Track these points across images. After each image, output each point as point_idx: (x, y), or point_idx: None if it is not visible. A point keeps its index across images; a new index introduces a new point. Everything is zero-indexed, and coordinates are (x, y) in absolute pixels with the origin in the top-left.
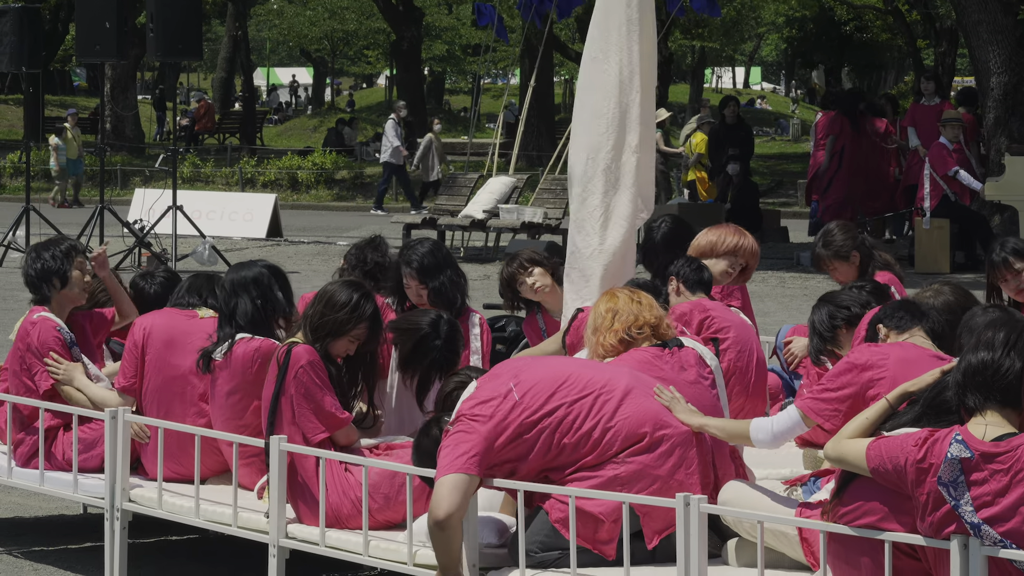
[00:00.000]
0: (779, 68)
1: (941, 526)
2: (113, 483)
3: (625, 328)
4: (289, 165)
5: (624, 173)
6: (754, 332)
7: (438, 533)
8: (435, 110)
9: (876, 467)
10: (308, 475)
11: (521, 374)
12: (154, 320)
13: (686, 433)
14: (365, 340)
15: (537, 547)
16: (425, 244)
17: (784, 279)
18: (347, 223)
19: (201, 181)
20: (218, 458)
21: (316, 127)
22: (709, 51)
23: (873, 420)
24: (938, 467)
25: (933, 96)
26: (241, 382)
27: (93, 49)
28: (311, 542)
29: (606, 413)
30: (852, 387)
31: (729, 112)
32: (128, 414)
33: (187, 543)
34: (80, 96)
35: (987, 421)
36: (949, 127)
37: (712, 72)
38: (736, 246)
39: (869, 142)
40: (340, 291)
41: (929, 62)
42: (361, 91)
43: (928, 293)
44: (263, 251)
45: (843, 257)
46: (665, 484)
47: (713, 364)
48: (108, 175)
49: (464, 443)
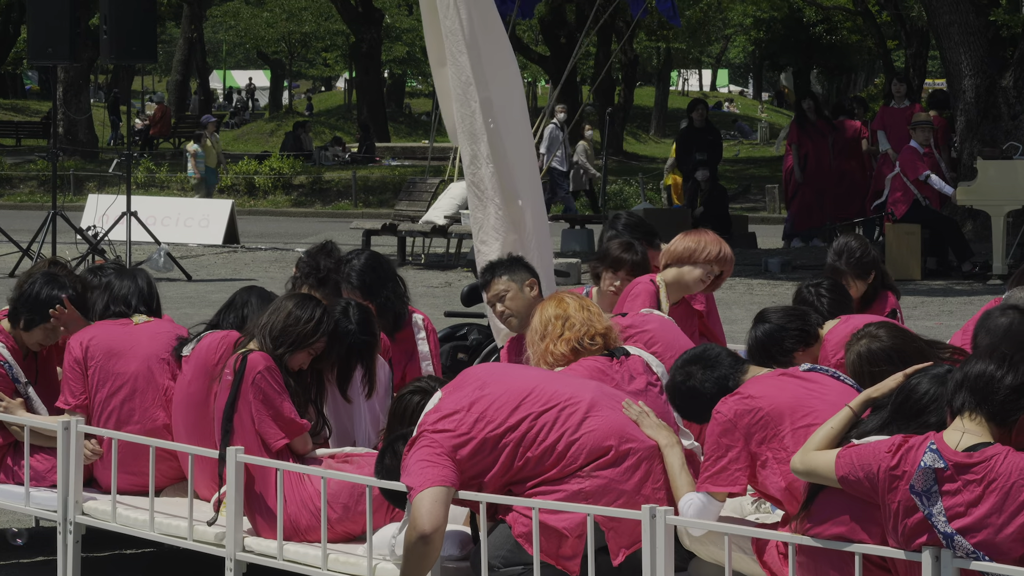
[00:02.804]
0: (747, 71)
1: (913, 535)
2: (66, 496)
3: (578, 337)
4: (246, 170)
5: (485, 186)
6: (675, 327)
7: (422, 548)
8: (395, 113)
9: (846, 475)
10: (265, 485)
11: (486, 386)
12: (90, 334)
13: (653, 447)
14: (320, 355)
15: (499, 562)
16: (362, 258)
17: (752, 286)
18: (305, 229)
19: (156, 186)
20: (173, 464)
21: (273, 131)
22: (675, 53)
23: (839, 429)
24: (911, 475)
25: (904, 99)
26: (202, 370)
27: (45, 51)
28: (269, 555)
29: (570, 426)
30: (736, 445)
31: (697, 115)
32: (81, 424)
33: (142, 557)
34: (32, 100)
35: (965, 428)
36: (920, 130)
37: (678, 74)
38: (717, 255)
39: (841, 145)
40: (303, 305)
41: (900, 64)
42: (320, 94)
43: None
44: (219, 258)
45: (862, 276)
46: (631, 499)
47: (660, 371)
48: (61, 180)
49: (435, 456)
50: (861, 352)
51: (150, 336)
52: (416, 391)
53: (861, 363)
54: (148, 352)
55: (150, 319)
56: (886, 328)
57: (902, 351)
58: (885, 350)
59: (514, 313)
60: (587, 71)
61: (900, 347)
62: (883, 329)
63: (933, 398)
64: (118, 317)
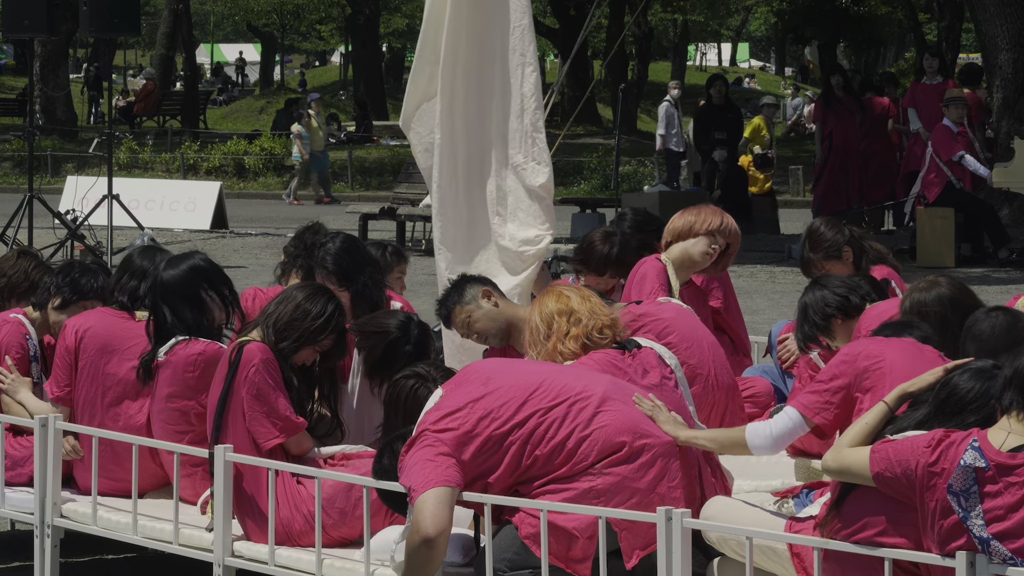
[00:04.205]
0: (769, 44)
1: (949, 538)
2: (43, 497)
3: (586, 332)
4: (235, 150)
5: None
6: (693, 316)
7: (426, 553)
8: (394, 90)
9: (881, 471)
10: (256, 487)
11: (490, 381)
12: (87, 323)
13: (669, 443)
14: (327, 353)
15: (505, 565)
16: (337, 241)
17: (774, 273)
18: (298, 214)
19: (139, 168)
20: (157, 469)
21: (264, 108)
22: (692, 25)
23: (873, 425)
24: (950, 473)
25: (936, 74)
26: (181, 388)
27: (21, 24)
28: (259, 561)
29: (581, 421)
30: (844, 377)
31: (716, 92)
32: (59, 421)
33: (124, 562)
34: (7, 75)
35: (1011, 428)
36: (953, 107)
37: (696, 48)
38: (719, 226)
39: (869, 124)
40: (314, 298)
41: (932, 37)
42: (313, 69)
43: (922, 285)
44: (207, 244)
45: (835, 256)
46: (646, 498)
47: (673, 363)
48: (38, 161)
49: (436, 456)
50: (915, 299)
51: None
52: (411, 375)
53: (913, 307)
54: (143, 354)
55: None
56: (947, 277)
57: (957, 300)
58: (942, 297)
59: (486, 332)
60: (599, 45)
61: (957, 297)
62: (944, 278)
63: (977, 395)
64: (122, 308)
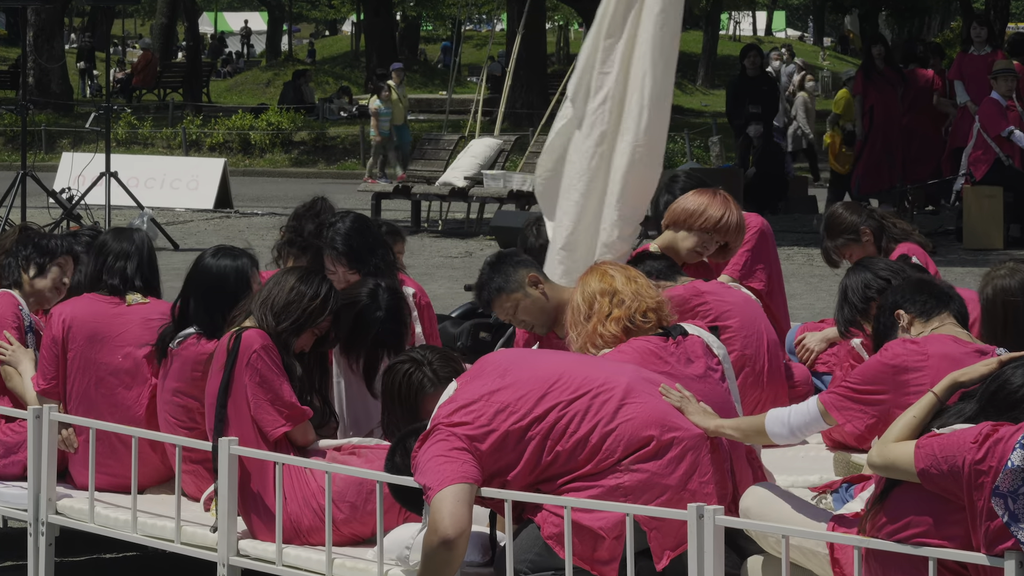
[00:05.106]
0: (806, 13)
1: (997, 539)
2: (37, 492)
3: (629, 315)
4: (240, 125)
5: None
6: (760, 308)
7: (445, 555)
8: (409, 61)
9: (926, 468)
10: (263, 481)
11: (508, 373)
12: (74, 311)
13: (699, 436)
14: (323, 336)
15: (527, 566)
16: (347, 221)
17: (812, 256)
18: (307, 192)
19: (138, 144)
20: (158, 463)
21: (271, 81)
22: None
23: (921, 417)
24: (997, 472)
25: (984, 45)
26: (187, 385)
27: None
28: (266, 560)
29: (605, 415)
30: (885, 393)
31: (750, 63)
32: (55, 412)
33: (123, 561)
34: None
35: None
36: (1002, 79)
37: (729, 17)
38: (716, 223)
39: (912, 98)
40: (308, 279)
41: (979, 5)
42: (323, 39)
43: (1002, 272)
44: (210, 224)
45: (854, 239)
46: (676, 495)
47: (721, 353)
48: (31, 136)
49: (452, 451)
50: (998, 285)
51: (142, 322)
52: (406, 360)
53: (996, 295)
54: (137, 341)
55: (145, 300)
56: None
57: None
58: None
59: (533, 320)
60: None
61: None
62: (1022, 264)
63: None
64: (111, 293)
